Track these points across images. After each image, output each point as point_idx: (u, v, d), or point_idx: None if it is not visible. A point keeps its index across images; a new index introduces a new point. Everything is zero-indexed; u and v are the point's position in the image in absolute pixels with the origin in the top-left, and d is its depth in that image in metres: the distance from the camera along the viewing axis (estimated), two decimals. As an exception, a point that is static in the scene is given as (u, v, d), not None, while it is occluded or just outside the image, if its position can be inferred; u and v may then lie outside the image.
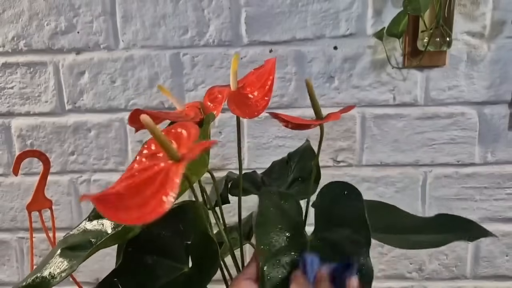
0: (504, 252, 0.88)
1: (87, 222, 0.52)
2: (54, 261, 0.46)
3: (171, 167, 0.34)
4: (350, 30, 0.80)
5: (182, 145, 0.38)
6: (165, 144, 0.36)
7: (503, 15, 0.78)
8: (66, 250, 0.47)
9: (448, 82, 0.81)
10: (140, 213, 0.31)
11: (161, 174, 0.34)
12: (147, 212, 0.31)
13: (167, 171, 0.34)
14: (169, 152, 0.36)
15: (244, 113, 0.46)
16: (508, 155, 0.83)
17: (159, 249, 0.49)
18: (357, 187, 0.79)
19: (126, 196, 0.33)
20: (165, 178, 0.33)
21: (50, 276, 0.44)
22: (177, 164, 0.35)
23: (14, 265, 0.94)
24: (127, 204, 0.32)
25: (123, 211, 0.31)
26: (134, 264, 0.48)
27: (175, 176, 0.33)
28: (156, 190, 0.32)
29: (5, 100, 0.86)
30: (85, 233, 0.50)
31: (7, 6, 0.82)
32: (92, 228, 0.51)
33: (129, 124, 0.50)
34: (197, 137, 0.38)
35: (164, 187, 0.32)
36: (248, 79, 0.52)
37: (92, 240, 0.49)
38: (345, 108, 0.51)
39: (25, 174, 0.89)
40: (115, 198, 0.32)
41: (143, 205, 0.31)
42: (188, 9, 0.80)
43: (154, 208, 0.31)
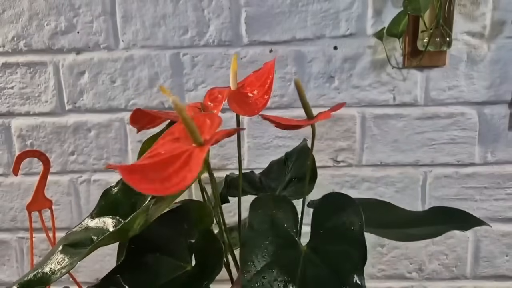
0: (504, 252, 0.88)
1: (89, 220, 0.52)
2: (55, 257, 0.46)
3: (194, 150, 0.36)
4: (350, 30, 0.80)
5: (205, 131, 0.39)
6: (191, 126, 0.37)
7: (503, 15, 0.78)
8: (67, 247, 0.48)
9: (448, 82, 0.81)
10: (163, 186, 0.33)
11: (185, 154, 0.36)
12: (169, 186, 0.33)
13: (190, 152, 0.36)
14: (194, 136, 0.38)
15: (245, 111, 0.46)
16: (508, 155, 0.84)
17: (162, 247, 0.49)
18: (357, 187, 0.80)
19: (151, 170, 0.35)
20: (188, 158, 0.35)
21: (51, 272, 0.44)
22: (200, 148, 0.37)
23: (14, 265, 0.94)
24: (151, 176, 0.34)
25: (146, 182, 0.33)
26: (137, 261, 0.48)
27: (198, 157, 0.35)
28: (179, 168, 0.34)
29: (5, 100, 0.86)
30: (87, 230, 0.50)
31: (7, 6, 0.82)
32: (94, 225, 0.51)
33: (131, 124, 0.51)
34: (220, 125, 0.40)
35: (187, 166, 0.34)
36: (247, 80, 0.53)
37: (93, 238, 0.49)
38: (335, 106, 0.51)
39: (25, 174, 0.89)
40: (141, 169, 0.34)
41: (166, 179, 0.33)
42: (188, 9, 0.81)
43: (176, 183, 0.33)
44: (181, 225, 0.50)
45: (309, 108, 0.48)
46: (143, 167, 0.35)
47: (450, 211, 0.55)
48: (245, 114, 0.46)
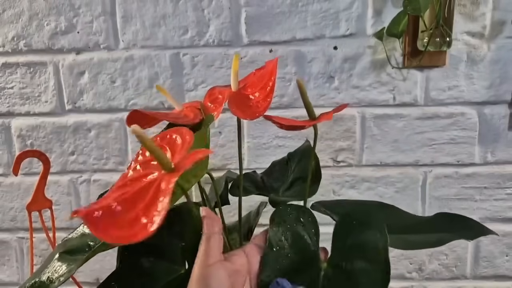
0: (504, 252, 0.88)
1: (84, 226, 0.52)
2: (52, 265, 0.46)
3: (163, 178, 0.34)
4: (350, 30, 0.80)
5: (176, 152, 0.37)
6: (157, 154, 0.35)
7: (503, 15, 0.78)
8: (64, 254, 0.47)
9: (448, 82, 0.81)
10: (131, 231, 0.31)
11: (153, 185, 0.34)
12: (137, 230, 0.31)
13: (159, 182, 0.34)
14: (162, 162, 0.35)
15: (245, 114, 0.45)
16: (508, 155, 0.84)
17: (156, 251, 0.49)
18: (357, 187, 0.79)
19: (117, 212, 0.32)
20: (157, 190, 0.33)
21: (48, 281, 0.44)
22: (169, 175, 0.34)
23: (14, 265, 0.94)
24: (118, 221, 0.31)
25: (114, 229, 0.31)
26: (131, 267, 0.48)
27: (166, 189, 0.33)
28: (149, 203, 0.32)
29: (5, 100, 0.86)
30: (83, 236, 0.50)
31: (7, 6, 0.82)
32: (89, 231, 0.50)
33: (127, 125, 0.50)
34: (191, 144, 0.37)
35: (155, 201, 0.32)
36: (249, 80, 0.52)
37: (90, 244, 0.49)
38: (338, 107, 0.51)
39: (25, 174, 0.89)
40: (106, 213, 0.32)
41: (134, 222, 0.31)
42: (188, 9, 0.81)
43: (145, 225, 0.31)
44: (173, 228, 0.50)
45: (311, 109, 0.48)
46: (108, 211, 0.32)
47: (455, 218, 0.54)
48: (245, 117, 0.45)
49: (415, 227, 0.53)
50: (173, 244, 0.49)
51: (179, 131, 0.39)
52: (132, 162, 0.40)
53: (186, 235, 0.49)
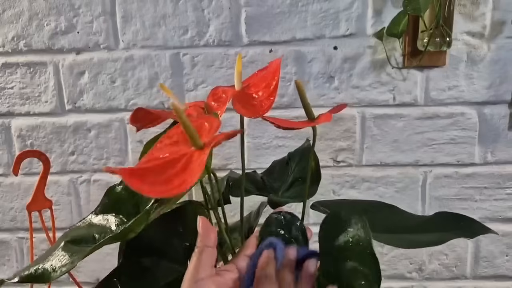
0: (504, 252, 0.88)
1: (93, 216, 0.52)
2: (56, 254, 0.46)
3: (194, 153, 0.36)
4: (350, 30, 0.80)
5: (204, 135, 0.39)
6: (190, 130, 0.37)
7: (503, 15, 0.78)
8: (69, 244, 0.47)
9: (448, 82, 0.81)
10: (164, 188, 0.33)
11: (184, 157, 0.36)
12: (171, 188, 0.33)
13: (190, 155, 0.36)
14: (194, 139, 0.37)
15: (250, 113, 0.46)
16: (508, 155, 0.84)
17: (158, 251, 0.49)
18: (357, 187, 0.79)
19: (151, 173, 0.35)
20: (188, 161, 0.35)
21: (51, 269, 0.44)
22: (200, 151, 0.37)
23: (14, 265, 0.93)
24: (152, 179, 0.34)
25: (147, 184, 0.33)
26: (133, 265, 0.48)
27: (199, 160, 0.35)
28: (180, 171, 0.34)
29: (5, 100, 0.86)
30: (90, 226, 0.50)
31: (7, 6, 0.82)
32: (97, 222, 0.51)
33: (131, 123, 0.50)
34: (219, 128, 0.40)
35: (187, 169, 0.34)
36: (252, 80, 0.52)
37: (95, 236, 0.49)
38: (336, 107, 0.51)
39: (25, 174, 0.89)
40: (141, 172, 0.34)
41: (167, 182, 0.34)
42: (188, 9, 0.80)
43: (177, 185, 0.33)
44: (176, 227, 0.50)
45: (310, 109, 0.48)
46: (143, 170, 0.35)
47: (456, 217, 0.54)
48: (250, 115, 0.46)
49: (416, 226, 0.54)
50: (176, 244, 0.49)
51: (208, 118, 0.41)
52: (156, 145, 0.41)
53: (189, 235, 0.49)
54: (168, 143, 0.41)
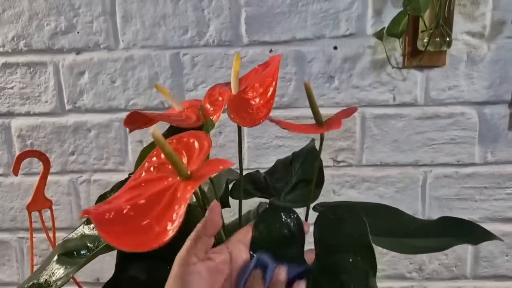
0: (504, 252, 0.88)
1: (85, 226, 0.51)
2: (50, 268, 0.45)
3: (179, 186, 0.33)
4: (350, 30, 0.80)
5: (193, 159, 0.36)
6: (175, 161, 0.34)
7: (503, 15, 0.78)
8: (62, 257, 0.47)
9: (448, 82, 0.81)
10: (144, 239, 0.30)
11: (168, 191, 0.33)
12: (149, 239, 0.29)
13: (174, 189, 0.33)
14: (179, 169, 0.34)
15: (244, 122, 0.44)
16: (508, 155, 0.83)
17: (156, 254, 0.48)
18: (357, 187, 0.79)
19: (130, 216, 0.31)
20: (172, 198, 0.32)
21: (46, 284, 0.44)
22: (185, 183, 0.33)
23: (14, 265, 0.94)
24: (130, 227, 0.30)
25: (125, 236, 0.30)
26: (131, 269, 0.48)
27: (182, 199, 0.31)
28: (162, 212, 0.31)
29: (5, 100, 0.86)
30: (82, 237, 0.50)
31: (7, 6, 0.82)
32: (89, 232, 0.50)
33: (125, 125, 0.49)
34: (209, 151, 0.36)
35: (169, 210, 0.31)
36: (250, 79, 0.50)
37: (89, 245, 0.48)
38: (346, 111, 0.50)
39: (25, 174, 0.89)
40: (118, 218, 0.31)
41: (147, 230, 0.30)
42: (188, 9, 0.80)
43: (157, 235, 0.30)
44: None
45: (318, 114, 0.47)
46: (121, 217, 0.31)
47: (459, 223, 0.53)
48: (245, 125, 0.43)
49: (418, 230, 0.53)
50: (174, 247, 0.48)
51: (197, 136, 0.38)
52: (145, 162, 0.38)
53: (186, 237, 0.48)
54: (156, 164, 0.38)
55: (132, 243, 0.29)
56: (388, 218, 0.55)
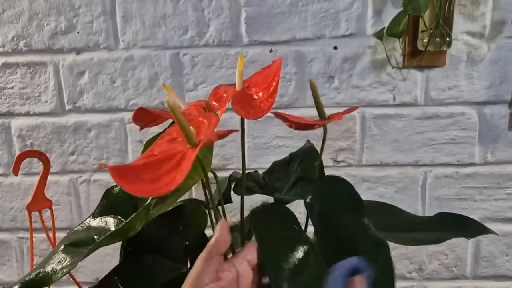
0: (504, 252, 0.88)
1: (91, 219, 0.52)
2: (56, 257, 0.46)
3: (188, 150, 0.37)
4: (350, 30, 0.80)
5: (201, 132, 0.40)
6: (185, 128, 0.38)
7: (503, 15, 0.78)
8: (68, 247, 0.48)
9: (448, 82, 0.81)
10: (153, 186, 0.33)
11: (178, 155, 0.36)
12: (159, 186, 0.33)
13: (184, 153, 0.36)
14: (188, 136, 0.38)
15: (248, 114, 0.46)
16: (508, 155, 0.84)
17: (159, 249, 0.49)
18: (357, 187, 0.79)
19: (143, 170, 0.35)
20: (181, 159, 0.36)
21: (52, 272, 0.45)
22: (193, 149, 0.37)
23: (14, 265, 0.94)
24: (142, 177, 0.34)
25: (137, 183, 0.34)
26: (134, 263, 0.48)
27: (190, 157, 0.35)
28: (172, 168, 0.35)
29: (5, 100, 0.86)
30: (88, 229, 0.51)
31: (7, 6, 0.82)
32: (96, 225, 0.51)
33: (134, 122, 0.51)
34: (217, 125, 0.40)
35: (179, 167, 0.35)
36: (253, 79, 0.52)
37: (95, 237, 0.49)
38: (348, 109, 0.52)
39: (25, 174, 0.89)
40: (132, 170, 0.35)
41: (156, 180, 0.34)
42: (188, 9, 0.81)
43: (166, 184, 0.33)
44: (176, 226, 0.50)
45: (322, 109, 0.49)
46: (135, 168, 0.35)
47: (455, 218, 0.54)
48: (249, 117, 0.45)
49: (416, 226, 0.54)
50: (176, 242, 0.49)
51: (206, 115, 0.42)
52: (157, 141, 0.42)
53: (189, 234, 0.49)
54: (167, 140, 0.41)
55: (144, 189, 0.34)
56: (388, 215, 0.56)
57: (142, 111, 0.49)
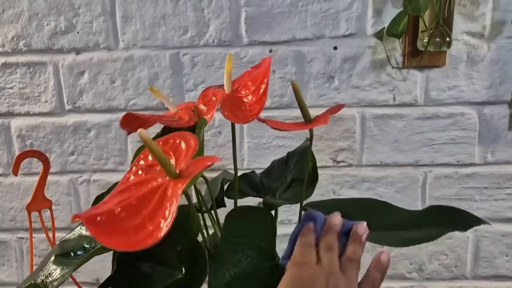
0: (504, 252, 0.88)
1: (82, 227, 0.51)
2: (47, 268, 0.46)
3: (168, 184, 0.33)
4: (350, 30, 0.80)
5: (180, 158, 0.36)
6: (163, 160, 0.34)
7: (503, 15, 0.78)
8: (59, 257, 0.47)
9: (448, 82, 0.81)
10: (137, 237, 0.30)
11: (158, 191, 0.33)
12: (143, 237, 0.30)
13: (164, 188, 0.33)
14: (167, 169, 0.34)
15: (238, 118, 0.44)
16: (508, 155, 0.83)
17: (153, 256, 0.49)
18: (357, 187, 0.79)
19: (122, 218, 0.31)
20: (162, 197, 0.32)
21: (43, 285, 0.44)
22: (175, 181, 0.34)
23: (13, 265, 0.93)
24: (122, 226, 0.30)
25: (117, 235, 0.30)
26: (127, 272, 0.48)
27: (173, 196, 0.32)
28: (154, 209, 0.31)
29: (5, 100, 0.86)
30: (80, 238, 0.50)
31: (7, 6, 0.82)
32: (87, 233, 0.50)
33: (122, 127, 0.49)
34: (196, 150, 0.36)
35: (161, 208, 0.31)
36: (243, 80, 0.51)
37: (86, 246, 0.48)
38: (334, 108, 0.51)
39: (25, 174, 0.89)
40: (109, 220, 0.31)
41: (139, 228, 0.30)
42: (188, 9, 0.80)
43: (150, 232, 0.30)
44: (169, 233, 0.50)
45: (306, 111, 0.48)
46: (112, 215, 0.31)
47: (449, 211, 0.54)
48: (238, 121, 0.44)
49: (412, 222, 0.54)
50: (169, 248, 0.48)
51: (183, 136, 0.38)
52: (132, 167, 0.38)
53: (182, 239, 0.48)
54: (144, 167, 0.38)
55: (126, 243, 0.29)
56: (382, 213, 0.56)
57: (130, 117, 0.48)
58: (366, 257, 0.44)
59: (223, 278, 0.42)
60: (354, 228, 0.41)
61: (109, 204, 0.33)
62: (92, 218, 0.30)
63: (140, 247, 0.29)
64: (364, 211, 0.49)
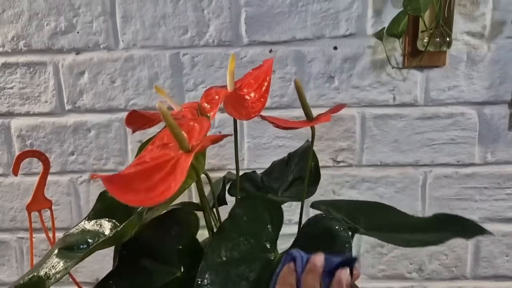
0: (504, 252, 0.88)
1: (86, 222, 0.52)
2: (50, 261, 0.46)
3: (181, 156, 0.36)
4: (350, 30, 0.80)
5: (193, 137, 0.39)
6: (178, 134, 0.37)
7: (503, 15, 0.78)
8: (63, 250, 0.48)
9: (448, 82, 0.81)
10: (148, 195, 0.33)
11: (171, 161, 0.36)
12: (154, 195, 0.33)
13: (177, 159, 0.36)
14: (181, 142, 0.37)
15: (241, 115, 0.46)
16: (508, 155, 0.83)
17: (153, 253, 0.49)
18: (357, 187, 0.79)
19: (136, 179, 0.34)
20: (174, 166, 0.35)
21: (45, 276, 0.45)
22: (187, 154, 0.36)
23: (14, 265, 0.94)
24: (136, 186, 0.34)
25: (131, 193, 0.33)
26: (128, 267, 0.48)
27: (183, 165, 0.35)
28: (165, 176, 0.34)
29: (5, 100, 0.86)
30: (83, 232, 0.50)
31: (7, 6, 0.82)
32: (90, 228, 0.51)
33: (126, 125, 0.50)
34: (209, 130, 0.39)
35: (173, 174, 0.34)
36: (245, 80, 0.52)
37: (89, 241, 0.49)
38: (335, 107, 0.51)
39: (25, 174, 0.89)
40: (125, 180, 0.34)
41: (151, 189, 0.33)
42: (188, 9, 0.80)
43: (161, 192, 0.33)
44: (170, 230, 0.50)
45: (308, 109, 0.48)
46: (127, 176, 0.35)
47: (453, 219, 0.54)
48: (241, 118, 0.46)
49: (415, 227, 0.54)
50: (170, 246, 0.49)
51: (198, 120, 0.41)
52: (148, 146, 0.41)
53: (182, 238, 0.49)
54: (159, 145, 0.41)
55: (139, 199, 0.33)
56: (386, 216, 0.56)
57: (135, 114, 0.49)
58: (366, 257, 0.44)
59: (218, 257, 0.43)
60: (338, 275, 0.40)
61: (125, 171, 0.36)
62: (110, 177, 0.34)
63: (151, 203, 0.33)
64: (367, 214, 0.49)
